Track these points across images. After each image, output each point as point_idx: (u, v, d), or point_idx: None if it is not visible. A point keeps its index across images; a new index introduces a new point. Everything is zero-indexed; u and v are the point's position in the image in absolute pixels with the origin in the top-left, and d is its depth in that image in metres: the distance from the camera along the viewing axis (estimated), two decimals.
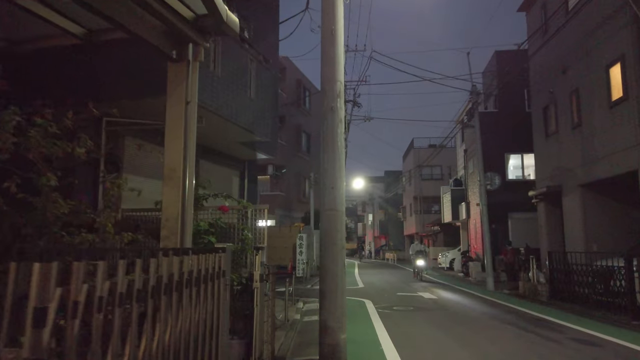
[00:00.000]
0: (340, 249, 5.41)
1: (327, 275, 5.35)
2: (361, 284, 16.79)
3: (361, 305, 10.53)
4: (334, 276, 5.32)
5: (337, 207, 5.46)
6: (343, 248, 5.47)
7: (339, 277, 5.34)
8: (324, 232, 5.48)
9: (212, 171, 10.03)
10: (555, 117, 13.40)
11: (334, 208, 5.46)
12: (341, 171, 5.58)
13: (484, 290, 14.84)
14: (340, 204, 5.49)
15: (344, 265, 5.45)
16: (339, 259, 5.37)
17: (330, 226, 5.44)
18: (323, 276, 5.39)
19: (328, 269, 5.36)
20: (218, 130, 8.36)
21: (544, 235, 14.54)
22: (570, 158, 12.49)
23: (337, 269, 5.35)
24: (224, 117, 7.66)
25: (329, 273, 5.33)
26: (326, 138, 5.62)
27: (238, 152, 10.44)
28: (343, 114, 5.73)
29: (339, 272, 5.37)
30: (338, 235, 5.42)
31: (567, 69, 12.59)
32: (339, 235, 5.43)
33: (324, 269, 5.39)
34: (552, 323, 8.48)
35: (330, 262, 5.36)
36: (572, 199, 12.42)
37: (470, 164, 22.90)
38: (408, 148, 43.27)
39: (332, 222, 5.43)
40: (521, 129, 20.04)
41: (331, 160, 5.55)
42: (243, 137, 8.98)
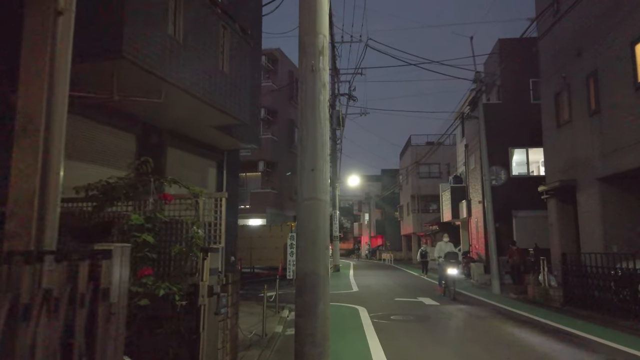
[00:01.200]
0: (323, 251, 4.13)
1: (304, 285, 4.07)
2: (356, 287, 15.52)
3: (354, 314, 9.26)
4: (314, 287, 4.04)
5: (319, 195, 4.18)
6: (326, 249, 4.19)
7: (320, 288, 4.06)
8: (301, 228, 4.20)
9: (184, 160, 8.73)
10: (568, 105, 12.17)
11: (314, 196, 4.18)
12: (324, 149, 4.30)
13: (490, 295, 13.60)
14: (323, 191, 4.21)
15: (327, 271, 4.17)
16: (320, 264, 4.09)
17: (310, 220, 4.16)
18: (299, 287, 4.12)
19: (306, 277, 4.08)
20: (183, 109, 7.06)
21: (555, 235, 13.31)
22: (586, 149, 11.26)
23: (318, 277, 4.07)
24: (188, 92, 6.36)
25: (307, 282, 4.06)
26: (305, 107, 4.33)
27: (214, 140, 9.14)
28: (327, 77, 4.45)
29: (321, 281, 4.09)
30: (320, 232, 4.14)
31: (582, 50, 11.36)
32: (321, 233, 4.15)
33: (300, 278, 4.11)
34: (579, 337, 7.23)
35: (309, 267, 4.08)
36: (588, 194, 11.19)
37: (471, 159, 21.67)
38: (405, 145, 42.04)
39: (312, 214, 4.15)
40: (526, 121, 18.86)
41: (311, 135, 4.27)
42: (215, 119, 7.68)
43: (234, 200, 10.61)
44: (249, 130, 9.42)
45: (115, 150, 7.16)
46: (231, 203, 10.45)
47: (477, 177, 20.42)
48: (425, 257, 19.78)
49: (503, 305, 11.13)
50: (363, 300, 11.53)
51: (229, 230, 10.53)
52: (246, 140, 9.51)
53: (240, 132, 9.10)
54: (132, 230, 3.66)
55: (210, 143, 9.29)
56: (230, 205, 10.44)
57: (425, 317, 9.00)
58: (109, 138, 7.13)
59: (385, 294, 13.43)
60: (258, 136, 10.41)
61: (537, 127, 18.45)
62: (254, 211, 25.41)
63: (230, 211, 10.53)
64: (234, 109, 7.51)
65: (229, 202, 10.53)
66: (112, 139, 7.13)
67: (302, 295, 4.10)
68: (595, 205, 10.90)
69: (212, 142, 9.29)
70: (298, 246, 4.22)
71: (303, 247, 4.17)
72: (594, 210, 10.94)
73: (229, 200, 10.49)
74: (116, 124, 7.11)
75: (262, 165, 25.36)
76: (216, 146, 9.57)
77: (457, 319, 9.01)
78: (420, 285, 16.63)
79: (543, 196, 13.52)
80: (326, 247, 4.20)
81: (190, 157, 8.90)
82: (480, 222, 19.70)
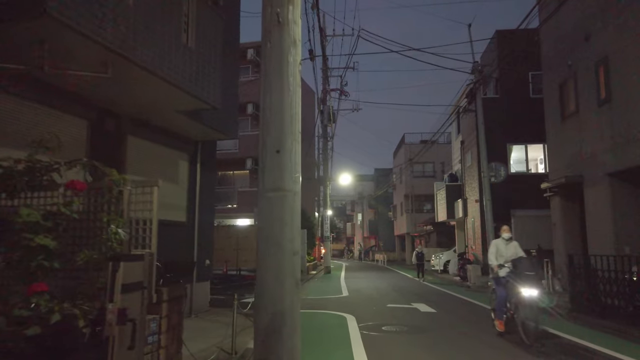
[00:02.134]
0: (291, 257, 3.14)
1: (263, 303, 3.08)
2: (346, 291, 14.53)
3: (341, 324, 8.27)
4: (277, 304, 3.06)
5: (286, 185, 3.20)
6: (295, 255, 3.20)
7: (286, 307, 3.07)
8: (263, 227, 3.21)
9: (148, 151, 7.70)
10: (574, 95, 11.27)
11: (280, 186, 3.19)
12: (294, 124, 3.32)
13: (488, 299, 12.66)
14: (292, 180, 3.23)
15: (296, 284, 3.18)
16: (286, 276, 3.10)
17: (273, 217, 3.17)
18: (257, 306, 3.13)
19: (266, 293, 3.09)
20: (140, 88, 6.05)
21: (559, 235, 12.40)
22: (595, 142, 10.36)
23: (283, 291, 3.09)
24: (142, 65, 5.35)
25: (266, 300, 3.07)
26: (268, 70, 3.35)
27: (185, 129, 8.12)
28: (299, 32, 3.46)
29: (287, 297, 3.10)
30: (286, 231, 3.16)
31: (591, 34, 10.46)
32: (289, 233, 3.16)
33: (259, 294, 3.12)
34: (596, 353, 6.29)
35: (272, 279, 3.09)
36: (597, 191, 10.29)
37: (467, 156, 20.77)
38: (399, 144, 41.18)
39: (277, 210, 3.17)
40: (525, 116, 18.01)
41: (276, 105, 3.29)
42: (180, 103, 6.66)
43: (209, 198, 9.59)
44: (224, 118, 8.40)
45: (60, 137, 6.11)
46: (206, 201, 9.43)
47: (473, 174, 19.53)
48: (421, 259, 18.46)
49: None
50: (353, 307, 10.54)
51: (203, 231, 9.53)
52: (222, 130, 8.49)
53: (215, 120, 8.08)
54: (24, 230, 2.65)
55: (181, 132, 8.26)
56: (206, 203, 9.44)
57: (421, 328, 8.03)
58: (55, 123, 6.09)
59: (377, 299, 12.46)
60: (236, 126, 9.39)
61: (536, 123, 17.59)
62: (242, 211, 24.36)
63: (206, 210, 9.54)
64: (201, 91, 6.49)
65: (204, 200, 9.54)
66: (57, 124, 6.08)
67: (260, 315, 3.11)
68: (604, 202, 10.00)
69: (183, 132, 8.27)
70: (259, 250, 3.23)
71: (264, 252, 3.18)
72: (604, 209, 10.03)
73: (204, 198, 9.50)
74: (62, 107, 6.07)
75: (250, 163, 24.33)
76: (187, 136, 8.54)
77: (457, 330, 8.05)
78: (414, 289, 15.69)
79: (546, 194, 12.62)
80: (294, 252, 3.21)
81: (156, 148, 7.87)
82: (478, 221, 18.81)
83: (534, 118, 17.72)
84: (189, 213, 8.79)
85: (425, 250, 19.68)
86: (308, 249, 24.98)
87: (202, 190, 9.18)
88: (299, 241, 3.25)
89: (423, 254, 18.14)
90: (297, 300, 3.20)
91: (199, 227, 9.00)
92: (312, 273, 23.85)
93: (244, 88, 25.59)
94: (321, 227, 26.87)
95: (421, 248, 18.48)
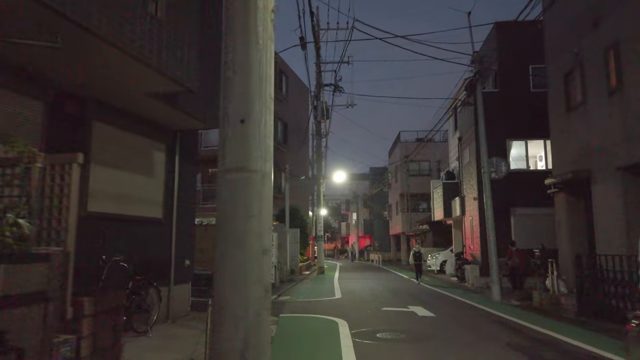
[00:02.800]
0: (258, 258, 2.39)
1: (221, 318, 2.34)
2: (339, 293, 13.81)
3: (332, 331, 7.54)
4: (238, 320, 2.32)
5: (252, 164, 2.45)
6: (266, 254, 2.44)
7: (251, 324, 2.33)
8: (223, 217, 2.47)
9: (118, 140, 6.94)
10: (581, 84, 10.61)
11: (246, 166, 2.44)
12: (264, 87, 2.57)
13: (489, 301, 12.01)
14: (261, 158, 2.48)
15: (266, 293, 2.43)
16: (252, 282, 2.35)
17: (236, 206, 2.42)
18: (214, 322, 2.40)
19: (225, 305, 2.35)
20: (100, 65, 5.29)
21: (563, 234, 11.75)
22: (604, 134, 9.70)
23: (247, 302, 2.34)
24: (98, 35, 4.59)
25: (225, 314, 2.33)
26: (232, 15, 2.61)
27: (161, 116, 7.36)
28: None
29: (252, 310, 2.35)
30: (253, 224, 2.41)
31: (600, 19, 9.80)
32: (256, 226, 2.42)
33: (216, 306, 2.39)
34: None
35: (232, 287, 2.35)
36: (607, 186, 9.63)
37: (465, 152, 20.11)
38: (394, 142, 40.55)
39: (240, 196, 2.42)
40: (525, 111, 17.39)
41: (241, 62, 2.54)
42: (150, 83, 5.91)
43: (189, 194, 8.84)
44: (205, 104, 7.64)
45: (10, 121, 5.36)
46: (186, 197, 8.66)
47: (472, 171, 18.87)
48: (419, 259, 17.48)
49: (507, 315, 9.52)
50: (345, 311, 9.83)
51: (183, 229, 8.75)
52: (201, 118, 7.72)
53: (193, 105, 7.33)
54: None
55: (156, 120, 7.50)
56: (186, 199, 8.66)
57: (419, 335, 7.32)
58: (4, 104, 5.33)
59: (372, 301, 11.75)
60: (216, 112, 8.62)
61: (537, 117, 16.95)
62: None
63: (186, 206, 8.76)
64: (172, 69, 5.74)
65: (184, 195, 8.73)
66: (6, 105, 5.32)
67: (221, 333, 2.37)
68: (615, 199, 9.34)
69: (158, 119, 7.50)
70: (218, 249, 2.49)
71: (223, 252, 2.44)
72: (614, 205, 9.37)
73: (184, 193, 8.69)
74: (12, 86, 5.31)
75: None
76: (164, 125, 7.78)
77: (458, 337, 7.35)
78: (410, 290, 15.00)
79: (550, 190, 11.96)
80: (264, 251, 2.46)
81: (127, 136, 7.10)
82: (476, 220, 18.15)
83: (534, 113, 17.09)
84: (166, 209, 8.03)
85: (423, 250, 18.87)
86: (301, 248, 24.25)
87: (182, 185, 8.42)
88: (269, 237, 2.52)
89: (421, 254, 17.33)
90: (266, 314, 2.46)
91: (178, 224, 8.25)
92: (305, 273, 23.12)
93: None
94: (315, 226, 26.15)
95: (418, 247, 17.67)
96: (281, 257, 17.64)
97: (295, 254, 21.98)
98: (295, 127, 29.75)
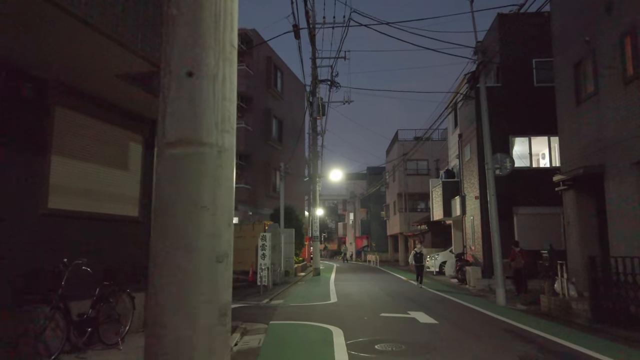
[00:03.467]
0: (212, 267, 1.66)
1: (155, 351, 1.61)
2: (334, 296, 13.09)
3: (326, 341, 6.82)
4: (181, 354, 1.59)
5: (205, 135, 1.71)
6: (222, 262, 1.71)
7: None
8: (161, 208, 1.74)
9: (86, 129, 6.19)
10: (593, 75, 9.94)
11: (194, 138, 1.71)
12: (222, 30, 1.83)
13: (493, 306, 11.33)
14: (214, 127, 1.75)
15: (223, 317, 1.70)
16: (201, 302, 1.63)
17: (180, 192, 1.69)
18: (147, 347, 1.67)
19: (163, 334, 1.61)
20: (54, 37, 4.55)
21: (573, 235, 11.07)
22: (620, 126, 9.03)
23: (195, 330, 1.60)
24: (55, 2, 3.86)
25: (163, 346, 1.60)
26: None
27: (133, 100, 6.59)
28: None
29: (201, 342, 1.61)
30: (204, 219, 1.67)
31: (614, 3, 9.12)
32: (209, 223, 1.68)
33: (150, 335, 1.66)
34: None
35: (173, 308, 1.62)
36: (623, 182, 8.95)
37: (466, 150, 19.44)
38: (392, 141, 39.92)
39: (186, 179, 1.69)
40: (529, 107, 16.74)
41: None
42: (117, 61, 5.16)
43: None
44: None
45: None
46: None
47: (473, 169, 18.20)
48: (420, 260, 16.42)
49: (515, 322, 8.84)
50: (341, 317, 9.11)
51: None
52: None
53: None
54: None
55: (129, 106, 6.75)
56: None
57: (422, 346, 6.61)
58: None
59: (369, 306, 11.04)
60: None
61: (541, 113, 16.32)
62: None
63: None
64: (141, 44, 5.01)
65: None
66: None
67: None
68: (632, 196, 8.67)
69: (132, 105, 6.76)
70: (150, 255, 1.76)
71: (162, 258, 1.71)
72: (631, 203, 8.70)
73: None
74: None
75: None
76: (139, 112, 7.03)
77: (466, 350, 6.64)
78: (410, 293, 14.30)
79: (558, 188, 11.28)
80: (220, 258, 1.74)
81: (97, 125, 6.36)
82: (477, 219, 17.48)
83: (538, 108, 16.47)
84: (144, 207, 7.29)
85: (425, 251, 18.09)
86: (296, 249, 23.54)
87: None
88: (228, 237, 1.79)
89: (422, 255, 16.53)
90: (224, 346, 1.73)
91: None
92: (300, 275, 22.40)
93: None
94: (311, 226, 25.44)
95: (420, 248, 16.82)
96: (275, 258, 16.91)
97: (290, 255, 21.26)
98: (290, 125, 29.07)
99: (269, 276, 14.80)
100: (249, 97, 23.64)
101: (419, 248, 16.67)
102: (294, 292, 14.68)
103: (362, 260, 45.58)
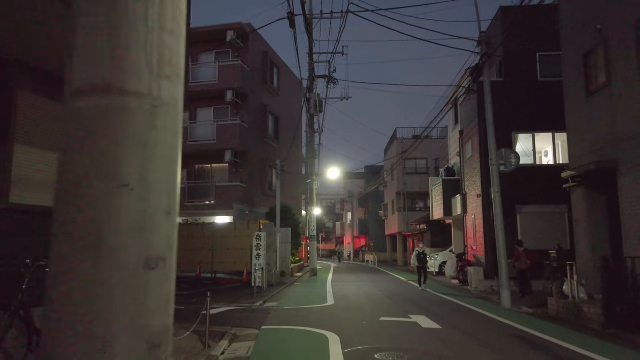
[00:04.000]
0: (137, 276, 1.09)
1: None
2: (331, 299, 12.51)
3: (321, 349, 6.24)
4: None
5: (128, 82, 1.12)
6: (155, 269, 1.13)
7: None
8: (65, 185, 1.15)
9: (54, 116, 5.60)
10: (605, 65, 9.39)
11: (115, 85, 1.12)
12: None
13: (498, 308, 10.79)
14: (147, 68, 1.16)
15: (153, 352, 1.13)
16: (122, 328, 1.04)
17: (93, 162, 1.11)
18: None
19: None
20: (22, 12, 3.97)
21: (582, 234, 10.52)
22: (635, 118, 8.48)
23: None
24: None
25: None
26: None
27: None
28: None
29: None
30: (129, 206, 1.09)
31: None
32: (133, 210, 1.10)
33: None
34: None
35: (71, 338, 1.03)
36: (638, 179, 8.41)
37: (467, 147, 18.89)
38: (391, 139, 39.37)
39: (98, 143, 1.11)
40: (532, 102, 16.20)
41: None
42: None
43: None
44: None
45: None
46: None
47: (474, 167, 17.65)
48: (423, 261, 15.61)
49: (523, 326, 8.29)
50: (338, 322, 8.54)
51: None
52: None
53: None
54: None
55: None
56: None
57: (425, 355, 6.04)
58: None
59: (368, 309, 10.47)
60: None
61: (545, 108, 15.80)
62: (220, 207, 22.23)
63: None
64: None
65: None
66: None
67: None
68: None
69: None
70: (51, 259, 1.15)
71: (65, 262, 1.09)
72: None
73: None
74: None
75: (230, 155, 22.23)
76: None
77: (471, 355, 6.08)
78: (410, 295, 13.73)
79: (567, 185, 10.73)
80: (151, 260, 1.12)
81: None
82: (479, 219, 16.93)
83: (542, 104, 15.95)
84: None
85: (428, 251, 17.42)
86: (293, 249, 22.97)
87: None
88: (169, 233, 1.19)
89: (425, 255, 15.87)
90: None
91: None
92: (297, 275, 21.83)
93: (223, 74, 23.57)
94: (308, 226, 24.86)
95: (423, 247, 16.14)
96: (270, 258, 16.32)
97: (286, 255, 20.68)
98: (287, 122, 28.48)
99: (263, 277, 14.22)
100: (244, 93, 23.04)
101: (422, 247, 16.03)
102: (289, 293, 14.11)
103: (360, 260, 45.01)
